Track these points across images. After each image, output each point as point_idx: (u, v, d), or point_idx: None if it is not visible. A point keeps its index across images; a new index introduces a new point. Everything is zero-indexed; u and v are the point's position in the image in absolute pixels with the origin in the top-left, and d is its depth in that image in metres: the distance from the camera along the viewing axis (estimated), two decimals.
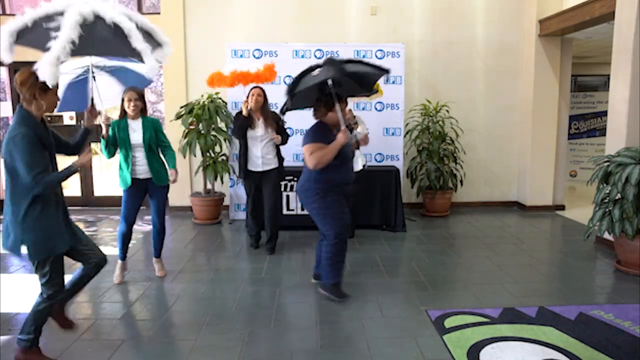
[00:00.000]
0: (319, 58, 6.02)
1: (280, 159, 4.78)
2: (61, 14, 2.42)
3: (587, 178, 5.40)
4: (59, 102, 2.65)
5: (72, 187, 8.19)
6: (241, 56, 5.99)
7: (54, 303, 2.67)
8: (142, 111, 3.89)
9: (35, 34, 2.42)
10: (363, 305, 3.52)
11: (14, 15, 6.75)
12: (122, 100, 3.83)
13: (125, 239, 4.01)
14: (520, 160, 6.94)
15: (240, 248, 4.99)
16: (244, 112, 4.52)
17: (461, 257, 4.75)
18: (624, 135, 4.72)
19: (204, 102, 5.94)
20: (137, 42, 2.49)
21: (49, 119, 7.22)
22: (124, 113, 3.86)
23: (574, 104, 9.17)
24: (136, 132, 3.83)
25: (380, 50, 6.08)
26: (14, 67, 6.82)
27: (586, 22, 5.57)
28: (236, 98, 5.93)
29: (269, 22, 6.51)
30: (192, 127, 5.93)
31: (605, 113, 8.64)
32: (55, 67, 2.32)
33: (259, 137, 4.60)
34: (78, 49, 2.38)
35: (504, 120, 6.90)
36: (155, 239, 4.11)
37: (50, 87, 2.48)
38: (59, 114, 7.10)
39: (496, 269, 4.32)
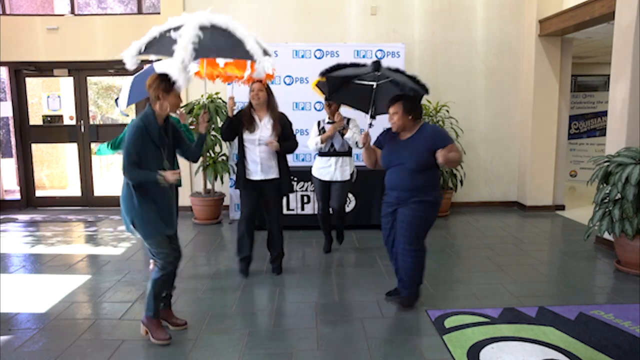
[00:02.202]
0: (319, 58, 6.02)
1: (286, 168, 4.04)
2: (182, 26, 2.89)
3: (587, 178, 5.38)
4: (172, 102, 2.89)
5: (72, 187, 8.21)
6: None
7: (166, 275, 2.98)
8: None
9: (161, 44, 2.91)
10: (363, 305, 3.52)
11: (14, 15, 6.81)
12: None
13: None
14: (520, 160, 6.94)
15: None
16: (229, 113, 3.94)
17: (461, 257, 4.75)
18: (624, 135, 4.73)
19: (203, 102, 5.95)
20: (250, 45, 2.98)
21: (48, 119, 7.29)
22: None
23: (574, 104, 9.16)
24: None
25: (380, 50, 6.08)
26: (14, 67, 6.83)
27: (586, 22, 5.57)
28: (237, 98, 5.89)
29: (269, 22, 6.51)
30: (192, 127, 5.93)
31: (605, 113, 8.64)
32: (185, 72, 2.73)
33: (257, 140, 3.93)
34: (199, 51, 2.78)
35: (504, 120, 6.90)
36: None
37: (177, 90, 2.81)
38: (59, 114, 7.13)
39: (496, 269, 4.32)
